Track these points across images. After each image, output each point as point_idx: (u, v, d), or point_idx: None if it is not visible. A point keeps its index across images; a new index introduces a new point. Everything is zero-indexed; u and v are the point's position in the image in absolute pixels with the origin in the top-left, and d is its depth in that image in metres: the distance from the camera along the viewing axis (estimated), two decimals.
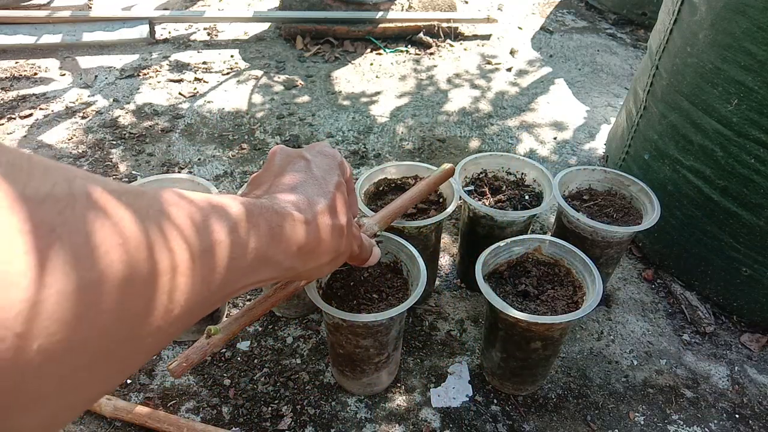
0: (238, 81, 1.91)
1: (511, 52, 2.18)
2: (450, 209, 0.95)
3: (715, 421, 0.94)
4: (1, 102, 1.73)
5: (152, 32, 2.17)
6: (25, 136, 1.57)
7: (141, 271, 0.25)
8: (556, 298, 0.87)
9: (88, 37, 2.08)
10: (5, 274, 0.19)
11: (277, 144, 1.58)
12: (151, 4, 2.47)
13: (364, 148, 1.59)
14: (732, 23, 0.94)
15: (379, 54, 2.13)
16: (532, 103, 1.86)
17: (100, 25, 2.14)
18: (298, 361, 1.00)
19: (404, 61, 2.09)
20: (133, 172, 1.46)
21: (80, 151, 1.52)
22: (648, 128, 1.21)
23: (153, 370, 0.97)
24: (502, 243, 0.90)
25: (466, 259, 1.12)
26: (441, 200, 1.04)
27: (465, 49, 2.20)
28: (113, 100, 1.77)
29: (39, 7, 2.17)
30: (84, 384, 0.23)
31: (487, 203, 1.05)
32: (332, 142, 1.61)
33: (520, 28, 2.40)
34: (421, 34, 2.18)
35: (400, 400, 0.94)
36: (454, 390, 0.96)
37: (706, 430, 0.92)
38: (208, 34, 2.23)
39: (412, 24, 2.18)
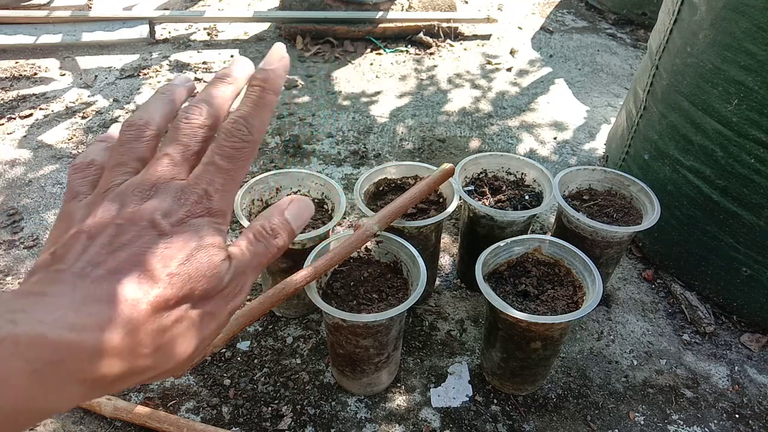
0: None
1: (511, 52, 2.18)
2: (450, 209, 0.95)
3: (715, 421, 0.94)
4: (1, 102, 1.73)
5: (152, 32, 2.17)
6: (25, 136, 1.57)
7: None
8: (556, 298, 0.87)
9: (88, 37, 2.08)
10: None
11: (277, 144, 1.58)
12: (151, 4, 2.47)
13: (364, 148, 1.59)
14: (732, 23, 0.94)
15: (379, 54, 2.13)
16: (532, 103, 1.86)
17: (100, 25, 2.14)
18: (298, 361, 1.00)
19: (404, 61, 2.09)
20: None
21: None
22: (648, 128, 1.21)
23: None
24: (502, 243, 0.90)
25: (466, 259, 1.12)
26: (441, 200, 1.04)
27: (465, 49, 2.20)
28: (113, 100, 1.77)
29: (39, 7, 2.17)
30: None
31: (487, 203, 1.05)
32: (332, 142, 1.61)
33: (520, 28, 2.40)
34: (421, 34, 2.18)
35: (400, 400, 0.94)
36: (454, 390, 0.96)
37: (706, 430, 0.92)
38: (208, 34, 2.23)
39: (412, 24, 2.18)
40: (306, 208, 0.36)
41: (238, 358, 1.00)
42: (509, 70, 2.06)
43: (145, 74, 1.92)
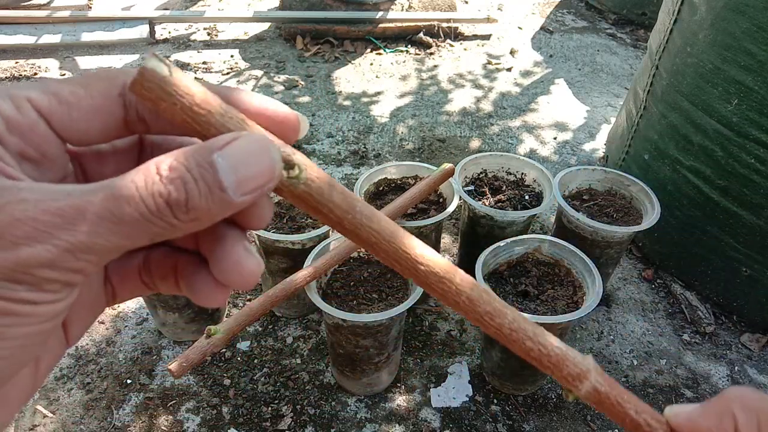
0: (238, 81, 1.91)
1: (512, 52, 2.18)
2: (450, 209, 0.95)
3: None
4: None
5: (152, 32, 2.17)
6: None
7: None
8: (556, 298, 0.87)
9: (87, 37, 2.08)
10: None
11: None
12: (151, 4, 2.46)
13: (364, 148, 1.59)
14: (732, 23, 0.94)
15: (379, 54, 2.13)
16: (532, 103, 1.86)
17: (100, 25, 2.14)
18: (298, 361, 1.00)
19: (404, 61, 2.09)
20: None
21: None
22: (648, 128, 1.21)
23: (153, 370, 0.97)
24: (502, 243, 0.90)
25: (466, 259, 1.12)
26: (441, 200, 1.04)
27: (465, 49, 2.20)
28: None
29: (39, 7, 2.17)
30: None
31: (487, 203, 1.05)
32: (332, 142, 1.61)
33: (520, 28, 2.40)
34: (421, 34, 2.18)
35: (400, 400, 0.94)
36: (454, 390, 0.96)
37: None
38: (208, 34, 2.23)
39: (412, 24, 2.18)
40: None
41: (238, 358, 1.00)
42: (509, 70, 2.06)
43: None
